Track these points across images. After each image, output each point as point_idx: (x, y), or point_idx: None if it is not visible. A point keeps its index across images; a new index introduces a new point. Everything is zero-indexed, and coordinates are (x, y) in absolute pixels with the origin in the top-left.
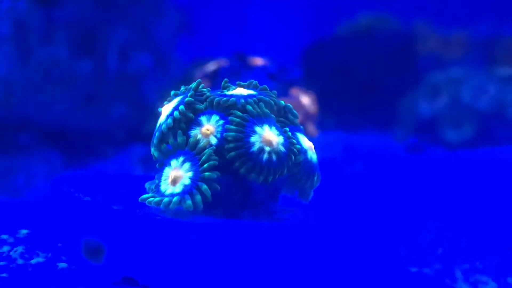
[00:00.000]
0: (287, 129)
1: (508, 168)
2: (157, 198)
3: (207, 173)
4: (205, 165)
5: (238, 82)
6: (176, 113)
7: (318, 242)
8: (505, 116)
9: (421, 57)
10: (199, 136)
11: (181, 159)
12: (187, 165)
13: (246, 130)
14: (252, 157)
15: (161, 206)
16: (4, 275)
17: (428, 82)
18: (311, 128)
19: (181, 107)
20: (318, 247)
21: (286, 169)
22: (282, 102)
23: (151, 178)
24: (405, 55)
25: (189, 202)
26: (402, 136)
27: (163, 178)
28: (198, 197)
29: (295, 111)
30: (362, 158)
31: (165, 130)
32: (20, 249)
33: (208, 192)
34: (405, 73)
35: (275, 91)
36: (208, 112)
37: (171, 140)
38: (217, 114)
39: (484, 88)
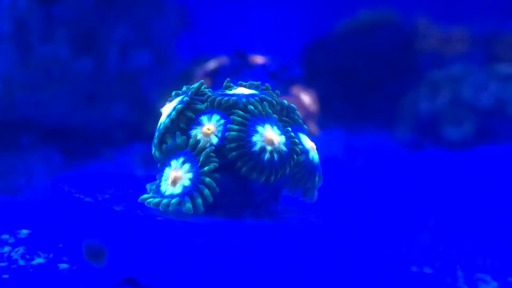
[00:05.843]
0: (290, 129)
1: (508, 166)
2: (157, 199)
3: (207, 179)
4: (205, 168)
5: (240, 82)
6: (173, 113)
7: (319, 242)
8: (505, 114)
9: (421, 55)
10: (199, 136)
11: (181, 159)
12: (187, 166)
13: (248, 129)
14: (253, 157)
15: (160, 207)
16: (5, 276)
17: (429, 80)
18: (312, 127)
19: (178, 106)
20: (319, 247)
21: (288, 168)
22: (285, 102)
23: (152, 178)
24: (405, 53)
25: (189, 204)
26: (403, 134)
27: (163, 178)
28: (199, 200)
29: (298, 112)
30: (363, 157)
31: (164, 130)
32: (21, 249)
33: (210, 197)
34: (406, 71)
35: (277, 91)
36: (209, 111)
37: (170, 141)
38: (218, 113)
39: (485, 86)
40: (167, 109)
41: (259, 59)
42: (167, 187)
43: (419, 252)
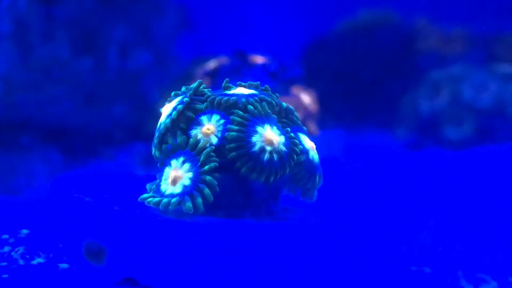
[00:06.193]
0: (289, 129)
1: (508, 166)
2: (156, 199)
3: (208, 177)
4: (206, 167)
5: (238, 82)
6: (174, 113)
7: (319, 241)
8: (505, 114)
9: (421, 55)
10: (199, 136)
11: (181, 159)
12: (187, 165)
13: (247, 130)
14: (253, 157)
15: (160, 206)
16: (5, 276)
17: (429, 80)
18: (312, 127)
19: (179, 106)
20: (319, 246)
21: (288, 168)
22: (284, 104)
23: (152, 177)
24: (405, 53)
25: (189, 204)
26: (403, 134)
27: (163, 178)
28: (199, 200)
29: (296, 113)
30: (363, 157)
31: (164, 130)
32: (21, 249)
33: (210, 197)
34: (406, 71)
35: (277, 94)
36: (209, 111)
37: (170, 140)
38: (218, 113)
39: (485, 86)
40: (167, 109)
41: (259, 59)
42: (167, 187)
43: (419, 252)
